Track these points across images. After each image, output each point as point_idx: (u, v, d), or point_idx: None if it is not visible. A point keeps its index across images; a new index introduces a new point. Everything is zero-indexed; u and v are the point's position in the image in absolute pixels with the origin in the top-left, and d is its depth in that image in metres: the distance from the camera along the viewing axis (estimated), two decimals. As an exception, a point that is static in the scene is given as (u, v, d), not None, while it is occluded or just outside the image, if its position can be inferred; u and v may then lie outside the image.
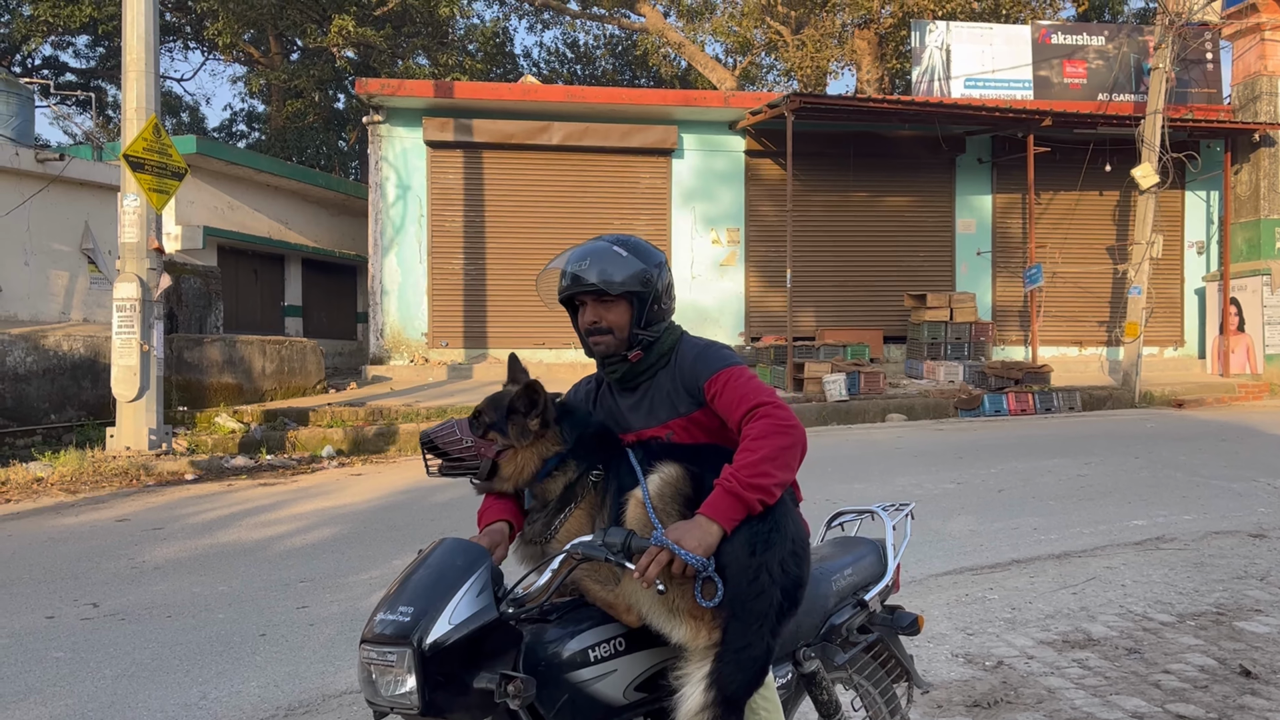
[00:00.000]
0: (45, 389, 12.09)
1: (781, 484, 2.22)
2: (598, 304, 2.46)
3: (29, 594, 5.90)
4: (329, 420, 12.75)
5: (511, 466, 2.43)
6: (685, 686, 2.16)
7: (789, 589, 2.23)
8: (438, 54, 28.70)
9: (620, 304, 2.45)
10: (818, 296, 17.32)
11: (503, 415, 2.45)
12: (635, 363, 2.50)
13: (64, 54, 31.33)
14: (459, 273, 16.79)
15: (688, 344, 2.53)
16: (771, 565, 2.19)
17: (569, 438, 2.44)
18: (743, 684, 2.15)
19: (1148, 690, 4.07)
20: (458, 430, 2.44)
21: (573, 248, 2.54)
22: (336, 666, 4.58)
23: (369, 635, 1.99)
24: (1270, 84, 17.61)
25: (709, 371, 2.41)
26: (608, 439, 2.50)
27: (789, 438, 2.25)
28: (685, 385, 2.46)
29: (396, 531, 7.43)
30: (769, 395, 2.32)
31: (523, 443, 2.43)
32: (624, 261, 2.45)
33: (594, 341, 2.49)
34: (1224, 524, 7.12)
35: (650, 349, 2.50)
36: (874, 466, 9.89)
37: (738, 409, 2.32)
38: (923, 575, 5.91)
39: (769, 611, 2.18)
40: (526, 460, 2.42)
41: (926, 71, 18.41)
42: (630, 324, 2.46)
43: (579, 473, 2.41)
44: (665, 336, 2.53)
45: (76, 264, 14.56)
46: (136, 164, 10.68)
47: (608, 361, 2.51)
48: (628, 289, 2.43)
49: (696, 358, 2.46)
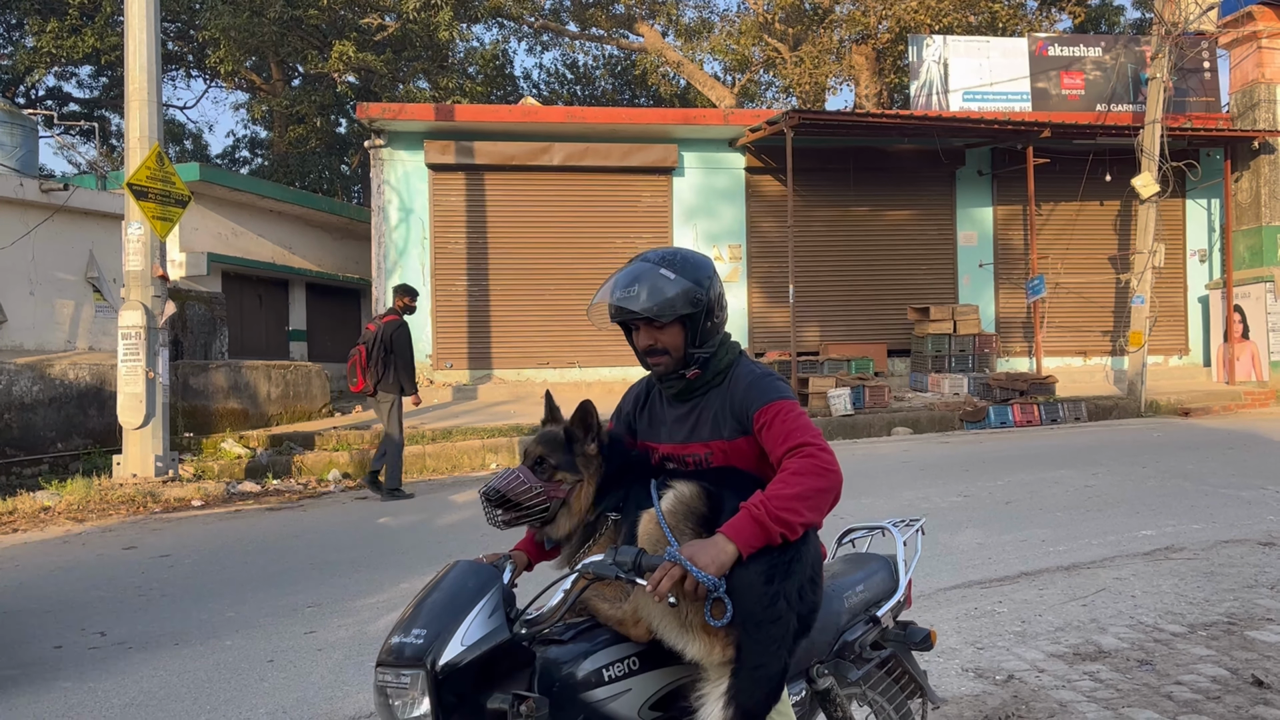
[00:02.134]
0: (52, 418, 12.11)
1: (807, 524, 2.22)
2: (651, 328, 2.45)
3: (37, 623, 5.90)
4: (335, 444, 12.76)
5: (581, 501, 2.44)
6: (704, 706, 2.16)
7: (804, 615, 2.25)
8: (438, 77, 28.87)
9: (674, 326, 2.45)
10: (821, 311, 17.33)
11: (568, 452, 2.44)
12: (693, 380, 2.50)
13: (67, 84, 31.55)
14: (462, 294, 16.83)
15: (744, 368, 2.51)
16: (790, 593, 2.20)
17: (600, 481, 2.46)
18: (760, 700, 2.15)
19: (1160, 702, 4.05)
20: (522, 477, 2.40)
21: (619, 272, 2.50)
22: (345, 692, 4.57)
23: (384, 658, 2.01)
24: (1268, 91, 17.67)
25: (761, 401, 2.39)
26: (633, 468, 2.49)
27: (826, 481, 2.24)
28: (734, 411, 2.44)
29: (404, 555, 7.42)
30: (815, 436, 2.31)
31: (588, 473, 2.44)
32: (671, 284, 2.41)
33: (653, 362, 2.49)
34: (1233, 532, 7.09)
35: (707, 366, 2.50)
36: (881, 481, 9.86)
37: (782, 444, 2.31)
38: (931, 589, 5.89)
39: (785, 635, 2.19)
40: (590, 493, 2.44)
41: (925, 85, 18.48)
42: (685, 344, 2.46)
43: (597, 513, 2.43)
44: (722, 353, 2.52)
45: (82, 293, 14.61)
46: (140, 192, 10.74)
47: (665, 380, 2.53)
48: (678, 313, 2.41)
49: (750, 385, 2.45)
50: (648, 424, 2.64)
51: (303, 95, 28.87)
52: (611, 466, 2.47)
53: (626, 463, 2.50)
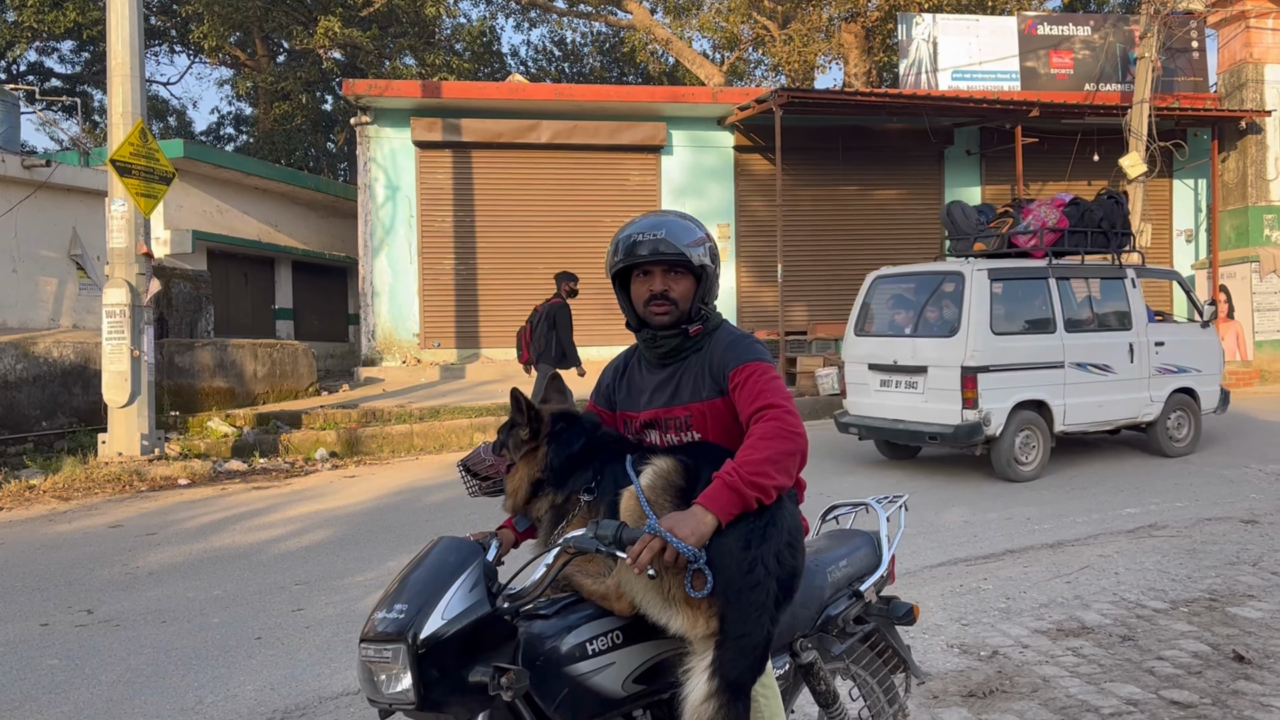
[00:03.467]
0: (36, 396, 12.04)
1: (779, 487, 2.24)
2: (667, 274, 2.49)
3: (23, 601, 5.88)
4: (322, 423, 12.73)
5: (512, 483, 2.49)
6: (689, 679, 2.18)
7: (784, 580, 2.26)
8: (424, 54, 28.63)
9: (688, 276, 2.50)
10: (809, 291, 17.33)
11: (507, 430, 2.51)
12: (688, 338, 2.52)
13: (49, 59, 31.20)
14: (450, 273, 16.77)
15: (724, 331, 2.56)
16: (767, 558, 2.21)
17: (555, 462, 2.46)
18: (745, 669, 2.17)
19: (1142, 677, 4.09)
20: (482, 452, 2.52)
21: (637, 219, 2.55)
22: (333, 669, 4.58)
23: (367, 634, 2.01)
24: (1256, 71, 17.68)
25: (736, 361, 2.44)
26: (601, 448, 2.50)
27: (792, 444, 2.27)
28: (712, 371, 2.48)
29: (390, 533, 7.42)
30: (783, 398, 2.35)
31: (517, 455, 2.48)
32: (695, 232, 2.51)
33: (658, 311, 2.50)
34: (1216, 510, 7.16)
35: (706, 323, 2.54)
36: (867, 459, 9.91)
37: (751, 404, 2.35)
38: (917, 567, 5.93)
39: (766, 602, 2.20)
40: (522, 478, 2.48)
41: (914, 64, 18.42)
42: (694, 297, 2.51)
43: (565, 495, 2.44)
44: (712, 317, 2.57)
45: (65, 270, 14.50)
46: (124, 169, 10.64)
47: (661, 334, 2.53)
48: (702, 262, 2.48)
49: (729, 346, 2.49)
50: (626, 393, 2.65)
51: (288, 71, 28.62)
52: (574, 446, 2.47)
53: (593, 442, 2.50)
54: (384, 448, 11.94)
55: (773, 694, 2.34)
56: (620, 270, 2.55)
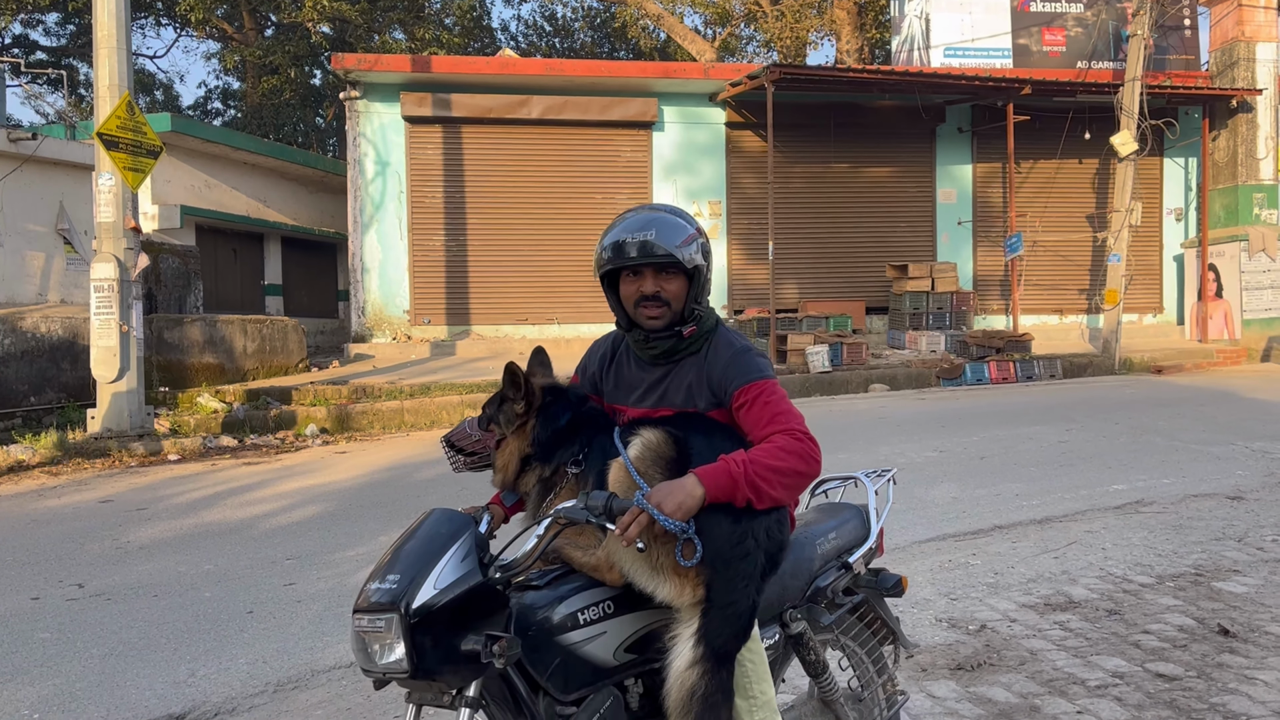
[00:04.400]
0: (24, 371, 11.99)
1: (776, 501, 2.23)
2: (659, 275, 2.39)
3: (13, 576, 5.88)
4: (312, 399, 12.71)
5: (502, 456, 2.48)
6: (675, 644, 2.20)
7: (772, 552, 2.29)
8: (414, 28, 28.42)
9: (680, 276, 2.40)
10: (800, 268, 17.32)
11: (496, 404, 2.49)
12: (682, 340, 2.43)
13: (34, 32, 30.85)
14: (440, 249, 16.71)
15: (723, 339, 2.46)
16: (757, 531, 2.24)
17: (542, 435, 2.44)
18: (730, 637, 2.19)
19: (1128, 650, 4.13)
20: (467, 428, 2.51)
21: (625, 217, 2.45)
22: (325, 642, 4.60)
23: (360, 604, 2.02)
24: (1248, 50, 17.66)
25: (743, 380, 2.35)
26: (587, 421, 2.48)
27: (807, 467, 2.26)
28: (711, 384, 2.40)
29: (381, 508, 7.43)
30: (799, 422, 2.31)
31: (509, 429, 2.46)
32: (687, 231, 2.39)
33: (650, 314, 2.40)
34: (1202, 487, 7.21)
35: (700, 325, 2.45)
36: (857, 436, 9.94)
37: (766, 427, 2.30)
38: (906, 542, 5.96)
39: (753, 572, 2.22)
40: (512, 452, 2.46)
41: (906, 41, 18.36)
42: (687, 298, 2.41)
43: (553, 469, 2.44)
44: (707, 317, 2.47)
45: (52, 245, 14.40)
46: (111, 142, 10.55)
47: (654, 336, 2.44)
48: (695, 263, 2.38)
49: (730, 361, 2.40)
50: (614, 385, 2.58)
51: (276, 45, 28.37)
52: (561, 420, 2.46)
53: (579, 416, 2.49)
54: (374, 424, 11.94)
55: (760, 661, 2.36)
56: (609, 270, 2.44)
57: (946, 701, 3.69)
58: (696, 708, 2.13)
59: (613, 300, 2.49)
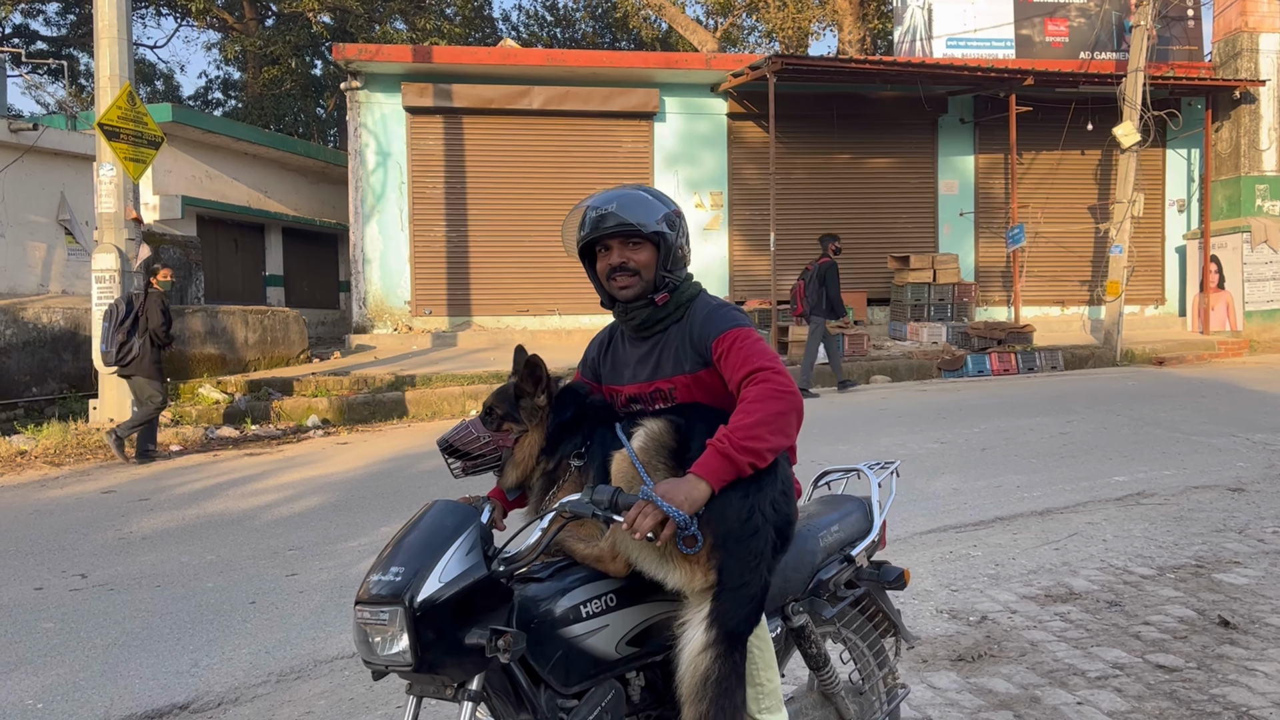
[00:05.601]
0: (25, 362, 12.00)
1: (774, 449, 2.23)
2: (625, 246, 2.47)
3: (16, 566, 5.90)
4: (313, 390, 12.72)
5: (523, 451, 2.48)
6: (686, 630, 2.20)
7: (780, 527, 2.29)
8: (415, 18, 28.35)
9: (647, 246, 2.48)
10: (802, 259, 17.25)
11: (513, 403, 2.50)
12: (658, 307, 2.51)
13: (34, 22, 30.78)
14: (441, 240, 16.70)
15: (702, 301, 2.54)
16: (764, 505, 2.24)
17: (551, 430, 2.47)
18: (743, 619, 2.19)
19: (1128, 641, 4.14)
20: (473, 429, 2.50)
21: (595, 194, 2.55)
22: (327, 632, 4.61)
23: (363, 596, 2.02)
24: (1251, 40, 17.61)
25: (717, 331, 2.42)
26: (590, 413, 2.51)
27: (784, 403, 2.25)
28: (694, 343, 2.46)
29: (383, 499, 7.44)
30: (771, 360, 2.33)
31: (533, 423, 2.48)
32: (651, 204, 2.49)
33: (621, 285, 2.49)
34: (1203, 479, 7.21)
35: (675, 293, 2.52)
36: (859, 428, 9.95)
37: (738, 371, 2.33)
38: (907, 533, 5.97)
39: (764, 549, 2.23)
40: (532, 447, 2.47)
41: (908, 31, 18.30)
42: (657, 266, 2.49)
43: (556, 462, 2.45)
44: (685, 287, 2.55)
45: (54, 235, 14.40)
46: (112, 133, 10.54)
47: (631, 307, 2.52)
48: (658, 230, 2.46)
49: (707, 317, 2.47)
50: (611, 367, 2.64)
51: (276, 35, 28.30)
52: (566, 414, 2.49)
53: (583, 409, 2.51)
54: (376, 415, 11.95)
55: (767, 647, 2.36)
56: (586, 250, 2.54)
57: (947, 692, 3.70)
58: (711, 692, 2.13)
59: (592, 276, 2.58)
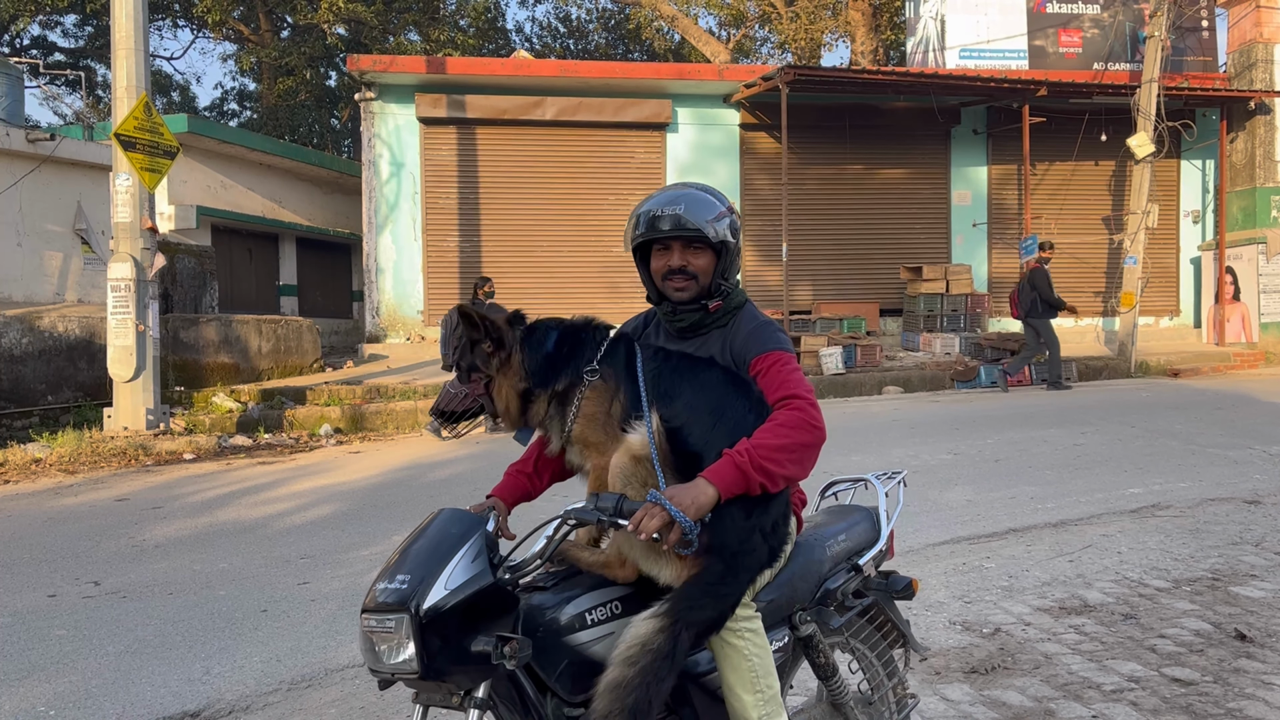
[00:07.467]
0: (41, 370, 12.08)
1: (789, 478, 2.24)
2: (686, 249, 2.47)
3: (30, 573, 5.92)
4: (326, 399, 12.76)
5: (499, 399, 2.42)
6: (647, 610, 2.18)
7: (775, 548, 2.33)
8: (429, 30, 28.51)
9: (708, 251, 2.47)
10: (814, 270, 17.29)
11: (468, 351, 2.45)
12: (709, 314, 2.50)
13: (52, 33, 31.10)
14: (454, 249, 16.75)
15: (748, 314, 2.54)
16: (765, 526, 2.26)
17: (532, 365, 2.39)
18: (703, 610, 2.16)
19: (1144, 655, 4.10)
20: (451, 389, 2.53)
21: (657, 192, 2.54)
22: (339, 641, 4.61)
23: (369, 604, 2.02)
24: (1266, 51, 17.53)
25: (759, 349, 2.42)
26: (578, 331, 2.45)
27: (811, 436, 2.27)
28: (734, 353, 2.47)
29: (395, 508, 7.45)
30: (807, 391, 2.34)
31: (491, 370, 2.41)
32: (716, 207, 2.48)
33: (677, 286, 2.48)
34: (1219, 491, 7.15)
35: (727, 299, 2.52)
36: (871, 438, 9.91)
37: (773, 394, 2.34)
38: (921, 545, 5.94)
39: (753, 564, 2.26)
40: (507, 391, 2.40)
41: (921, 42, 18.31)
42: (714, 273, 2.48)
43: (565, 384, 2.37)
44: (735, 294, 2.55)
45: (70, 245, 14.50)
46: (128, 143, 10.62)
47: (682, 308, 2.51)
48: (722, 238, 2.45)
49: (751, 332, 2.47)
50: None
51: (292, 46, 28.51)
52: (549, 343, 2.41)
53: (567, 331, 2.45)
54: (388, 424, 11.97)
55: (765, 655, 2.32)
56: (641, 244, 2.53)
57: (960, 705, 3.67)
58: (644, 660, 2.08)
59: (643, 273, 2.57)
